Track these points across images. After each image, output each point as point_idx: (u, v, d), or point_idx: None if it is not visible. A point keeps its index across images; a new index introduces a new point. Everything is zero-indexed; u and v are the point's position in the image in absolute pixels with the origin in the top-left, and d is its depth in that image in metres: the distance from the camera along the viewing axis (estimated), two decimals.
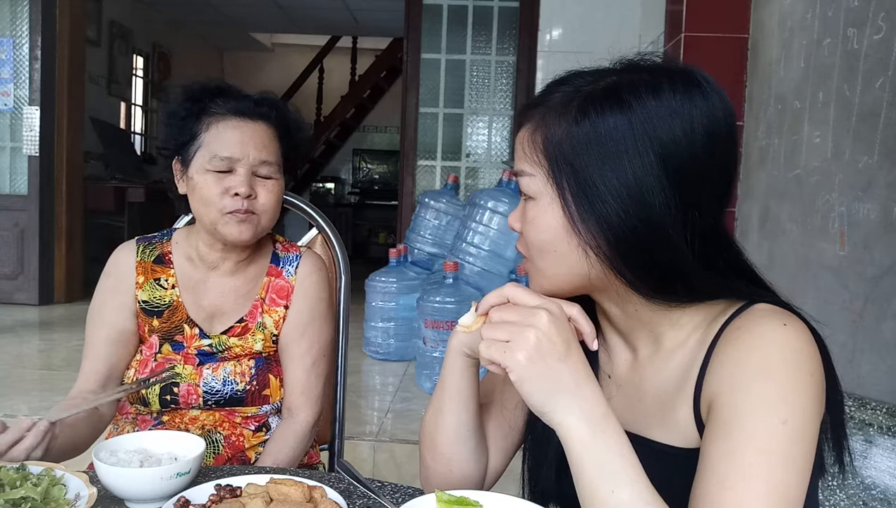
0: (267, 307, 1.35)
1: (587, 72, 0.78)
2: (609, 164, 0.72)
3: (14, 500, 0.82)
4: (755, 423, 0.68)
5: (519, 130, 0.80)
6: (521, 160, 0.79)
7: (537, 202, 0.77)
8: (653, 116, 0.72)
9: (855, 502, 0.91)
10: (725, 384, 0.72)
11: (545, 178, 0.76)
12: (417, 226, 3.95)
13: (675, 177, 0.72)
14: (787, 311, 0.74)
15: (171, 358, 1.30)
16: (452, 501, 0.75)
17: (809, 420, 0.69)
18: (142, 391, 1.28)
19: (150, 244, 1.37)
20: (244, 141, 1.25)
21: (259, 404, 1.32)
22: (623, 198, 0.72)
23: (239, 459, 1.31)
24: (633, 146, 0.71)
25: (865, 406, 0.92)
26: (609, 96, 0.73)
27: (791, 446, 0.67)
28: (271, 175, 1.27)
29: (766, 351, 0.71)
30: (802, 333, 0.72)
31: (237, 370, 1.30)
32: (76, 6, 4.88)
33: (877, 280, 1.63)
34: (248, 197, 1.24)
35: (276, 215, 1.30)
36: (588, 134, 0.73)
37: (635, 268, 0.75)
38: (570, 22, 3.97)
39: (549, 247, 0.77)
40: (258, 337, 1.33)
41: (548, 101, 0.77)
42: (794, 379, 0.69)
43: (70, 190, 4.90)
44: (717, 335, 0.76)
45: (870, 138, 1.68)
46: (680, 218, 0.72)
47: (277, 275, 1.37)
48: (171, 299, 1.33)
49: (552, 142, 0.75)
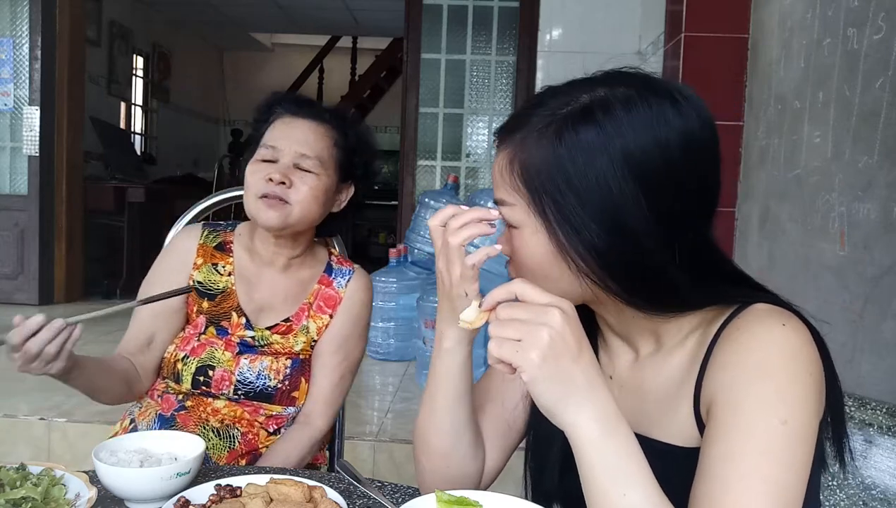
0: (313, 312, 1.39)
1: (560, 88, 0.76)
2: (587, 188, 0.71)
3: (14, 500, 0.82)
4: (754, 423, 0.68)
5: (496, 154, 0.79)
6: (499, 189, 0.78)
7: (521, 231, 0.76)
8: (625, 132, 0.71)
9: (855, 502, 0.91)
10: (725, 384, 0.72)
11: (526, 208, 0.75)
12: (417, 226, 3.95)
13: (651, 193, 0.71)
14: (786, 311, 0.74)
15: (213, 341, 1.35)
16: (452, 501, 0.76)
17: (809, 419, 0.69)
18: (178, 367, 1.32)
19: (215, 231, 1.43)
20: (290, 134, 1.33)
21: (286, 404, 1.35)
22: (604, 221, 0.71)
23: (251, 456, 1.32)
24: (607, 163, 0.70)
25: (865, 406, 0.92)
26: (583, 117, 0.72)
27: (791, 446, 0.67)
28: (311, 169, 1.32)
29: (765, 351, 0.71)
30: (801, 332, 0.72)
31: (273, 366, 1.34)
32: (76, 6, 4.88)
33: (877, 280, 1.63)
34: (282, 183, 1.29)
35: (314, 209, 1.33)
36: (564, 159, 0.72)
37: (627, 287, 0.74)
38: (570, 22, 3.97)
39: (540, 273, 0.77)
40: (300, 338, 1.37)
41: (523, 126, 0.76)
42: (793, 378, 0.69)
43: (70, 190, 4.90)
44: (716, 335, 0.76)
45: (870, 138, 1.68)
46: (662, 233, 0.72)
47: (328, 285, 1.42)
48: (225, 285, 1.38)
49: (530, 171, 0.74)
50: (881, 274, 1.62)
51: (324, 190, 1.34)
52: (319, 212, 1.35)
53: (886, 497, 0.88)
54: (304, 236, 1.39)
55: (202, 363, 1.32)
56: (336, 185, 1.38)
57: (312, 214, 1.33)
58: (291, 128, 1.34)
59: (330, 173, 1.35)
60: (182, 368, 1.32)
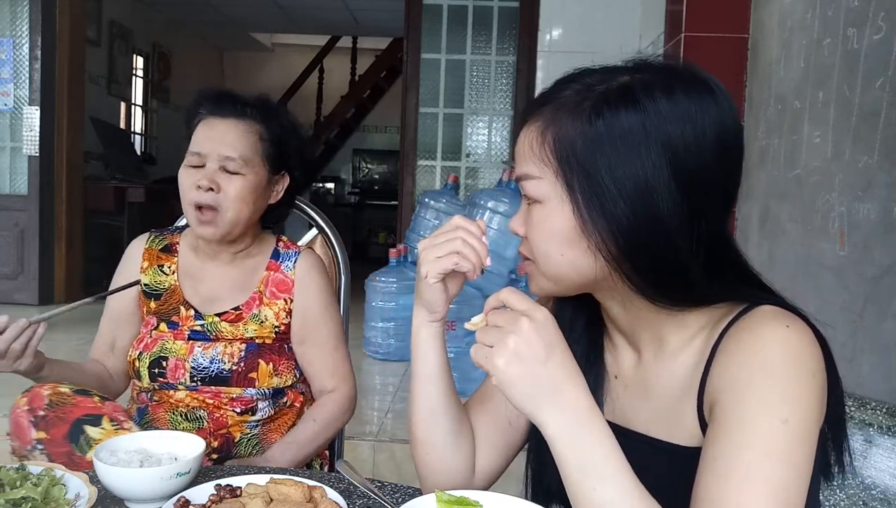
0: (267, 300, 1.41)
1: (597, 70, 0.77)
2: (621, 166, 0.71)
3: (14, 500, 0.82)
4: (756, 423, 0.68)
5: (522, 130, 0.78)
6: (526, 162, 0.77)
7: (544, 205, 0.76)
8: (666, 120, 0.71)
9: (855, 502, 0.91)
10: (727, 384, 0.72)
11: (553, 180, 0.75)
12: (417, 226, 3.95)
13: (684, 182, 0.71)
14: (790, 313, 0.74)
15: (163, 334, 1.38)
16: (452, 501, 0.76)
17: (810, 420, 0.69)
18: (136, 365, 1.36)
19: (162, 235, 1.47)
20: (213, 137, 1.34)
21: (244, 386, 1.35)
22: (633, 200, 0.71)
23: (223, 436, 1.35)
24: (645, 148, 0.71)
25: (865, 406, 0.92)
26: (624, 96, 0.72)
27: (792, 446, 0.67)
28: (237, 170, 1.33)
29: (769, 351, 0.71)
30: (805, 334, 0.72)
31: (227, 351, 1.36)
32: (76, 6, 4.88)
33: (877, 280, 1.63)
34: (210, 190, 1.31)
35: (244, 211, 1.34)
36: (601, 134, 0.72)
37: (641, 271, 0.74)
38: (570, 22, 3.97)
39: (557, 251, 0.76)
40: (251, 326, 1.38)
41: (557, 100, 0.75)
42: (795, 379, 0.69)
43: (70, 190, 4.90)
44: (720, 336, 0.76)
45: (870, 138, 1.68)
46: (686, 223, 0.72)
47: (276, 270, 1.43)
48: (169, 284, 1.42)
49: (563, 142, 0.73)
50: (881, 274, 1.62)
51: (252, 189, 1.34)
52: (252, 211, 1.36)
53: (886, 497, 0.88)
54: (245, 233, 1.41)
55: (154, 356, 1.36)
56: (268, 179, 1.38)
57: (245, 215, 1.35)
58: (213, 129, 1.35)
59: (258, 170, 1.36)
60: (139, 365, 1.36)
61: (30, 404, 1.14)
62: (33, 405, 1.14)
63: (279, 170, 1.41)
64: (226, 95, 1.40)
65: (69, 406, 1.14)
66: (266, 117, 1.38)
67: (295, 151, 1.43)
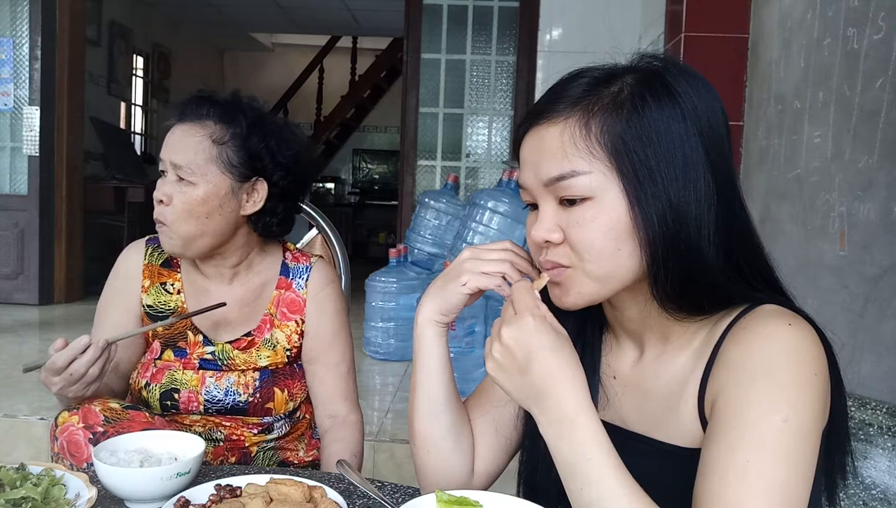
0: (278, 322, 1.32)
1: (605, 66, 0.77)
2: (666, 152, 0.72)
3: (14, 500, 0.82)
4: (756, 421, 0.68)
5: (544, 129, 0.75)
6: (568, 159, 0.73)
7: (596, 200, 0.73)
8: (694, 102, 0.73)
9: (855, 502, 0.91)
10: (729, 382, 0.72)
11: (606, 173, 0.73)
12: (417, 226, 3.94)
13: (713, 161, 0.74)
14: (793, 313, 0.74)
15: (171, 363, 1.29)
16: (452, 501, 0.76)
17: (812, 420, 0.69)
18: (143, 394, 1.28)
19: (159, 246, 1.33)
20: (169, 143, 1.24)
21: (261, 415, 1.30)
22: (679, 183, 0.72)
23: (240, 451, 1.31)
24: (685, 130, 0.73)
25: (865, 406, 0.92)
26: (660, 82, 0.74)
27: (792, 444, 0.67)
28: (186, 177, 1.20)
29: (770, 349, 0.70)
30: (808, 333, 0.72)
31: (241, 381, 1.28)
32: (76, 6, 4.88)
33: (877, 280, 1.63)
34: (160, 202, 1.22)
35: (192, 224, 1.21)
36: (647, 122, 0.72)
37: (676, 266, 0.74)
38: (570, 22, 3.97)
39: (614, 246, 0.74)
40: (264, 353, 1.30)
41: (590, 94, 0.74)
42: (797, 378, 0.69)
43: (70, 190, 4.90)
44: (722, 334, 0.76)
45: (870, 138, 1.68)
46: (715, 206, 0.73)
47: (287, 288, 1.34)
48: (175, 305, 1.31)
49: (611, 133, 0.72)
50: (881, 274, 1.62)
51: (202, 200, 1.20)
52: (206, 224, 1.21)
53: (886, 497, 0.88)
54: (229, 247, 1.28)
55: (165, 388, 1.27)
56: (231, 187, 1.23)
57: (198, 229, 1.21)
58: (173, 136, 1.24)
59: (212, 177, 1.21)
60: (147, 395, 1.28)
61: (84, 421, 1.08)
62: (88, 422, 1.08)
63: (249, 176, 1.25)
64: (193, 99, 1.27)
65: (125, 421, 1.10)
66: (225, 118, 1.23)
67: (267, 153, 1.26)
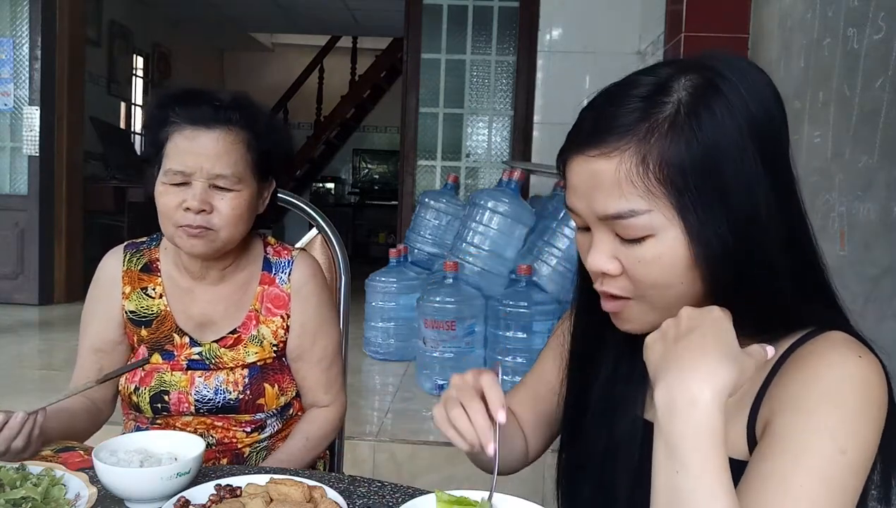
0: (263, 317, 1.31)
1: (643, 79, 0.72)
2: (728, 171, 0.68)
3: (14, 500, 0.82)
4: (815, 448, 0.66)
5: (605, 164, 0.70)
6: (627, 198, 0.70)
7: (658, 238, 0.70)
8: (748, 104, 0.69)
9: None
10: (789, 404, 0.70)
11: (665, 212, 0.69)
12: (417, 226, 3.94)
13: (773, 170, 0.70)
14: (861, 344, 0.73)
15: (159, 367, 1.28)
16: (452, 501, 0.76)
17: (868, 454, 0.68)
18: (133, 399, 1.27)
19: (138, 251, 1.33)
20: (198, 153, 1.18)
21: (253, 412, 1.30)
22: (740, 216, 0.69)
23: (232, 454, 1.31)
24: (742, 144, 0.68)
25: None
26: (713, 94, 0.69)
27: (846, 478, 0.66)
28: (230, 187, 1.20)
29: (838, 378, 0.69)
30: (876, 367, 0.71)
31: (230, 379, 1.28)
32: (76, 6, 4.88)
33: (877, 280, 1.63)
34: (202, 211, 1.18)
35: (241, 227, 1.24)
36: (705, 148, 0.68)
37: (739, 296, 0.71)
38: (570, 22, 3.96)
39: (676, 281, 0.72)
40: (251, 349, 1.30)
41: (644, 120, 0.69)
42: (860, 411, 0.68)
43: (70, 190, 4.90)
44: (784, 355, 0.74)
45: (870, 138, 1.68)
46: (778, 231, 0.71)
47: (270, 283, 1.33)
48: (158, 309, 1.30)
49: (672, 166, 0.68)
50: (881, 274, 1.62)
51: (248, 204, 1.23)
52: (247, 226, 1.26)
53: None
54: (233, 248, 1.29)
55: (154, 391, 1.26)
56: (258, 189, 1.26)
57: (240, 233, 1.24)
58: (197, 143, 1.18)
59: (249, 182, 1.23)
60: (137, 400, 1.27)
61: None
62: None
63: (266, 177, 1.29)
64: (200, 98, 1.22)
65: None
66: (251, 123, 1.23)
67: (282, 156, 1.31)
